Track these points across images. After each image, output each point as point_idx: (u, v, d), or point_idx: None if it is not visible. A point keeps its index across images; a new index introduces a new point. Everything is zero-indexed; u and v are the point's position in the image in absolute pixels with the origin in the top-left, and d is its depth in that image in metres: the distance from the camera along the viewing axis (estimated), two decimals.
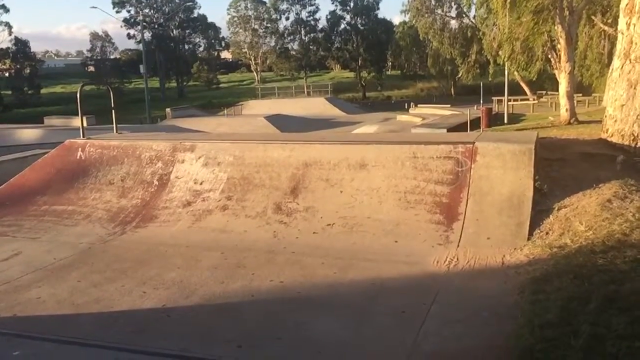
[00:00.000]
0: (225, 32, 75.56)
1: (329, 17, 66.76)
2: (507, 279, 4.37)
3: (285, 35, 69.06)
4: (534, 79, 28.14)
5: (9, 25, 61.80)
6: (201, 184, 6.87)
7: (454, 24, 53.54)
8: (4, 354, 3.43)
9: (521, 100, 36.90)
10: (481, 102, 31.31)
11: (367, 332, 3.70)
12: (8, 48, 62.32)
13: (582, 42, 22.98)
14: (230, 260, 5.22)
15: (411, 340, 3.51)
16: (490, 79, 38.51)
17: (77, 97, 9.86)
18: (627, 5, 8.19)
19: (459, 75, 55.14)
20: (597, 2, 20.76)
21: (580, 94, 31.76)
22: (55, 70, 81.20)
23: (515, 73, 34.60)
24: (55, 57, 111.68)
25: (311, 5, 67.75)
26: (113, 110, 10.43)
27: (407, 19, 58.31)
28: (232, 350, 3.51)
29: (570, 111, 19.26)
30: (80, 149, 7.91)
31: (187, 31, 71.46)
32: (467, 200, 5.73)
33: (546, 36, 19.15)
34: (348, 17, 66.41)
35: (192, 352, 3.51)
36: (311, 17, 68.15)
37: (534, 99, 37.06)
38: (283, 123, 31.82)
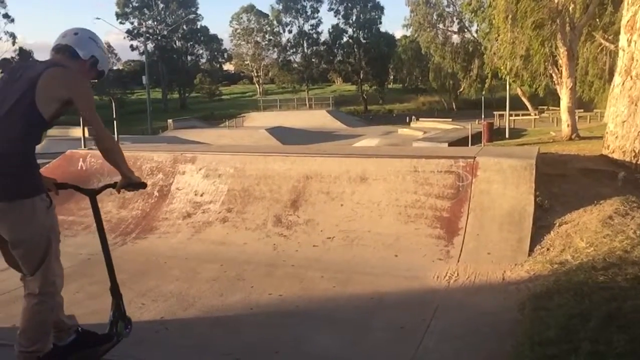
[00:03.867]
0: (227, 44, 75.99)
1: (331, 30, 67.12)
2: (507, 295, 4.35)
3: (288, 48, 69.39)
4: (541, 94, 28.25)
5: (13, 36, 62.32)
6: (201, 195, 6.87)
7: (455, 38, 53.93)
8: None
9: (522, 115, 37.06)
10: (482, 116, 31.42)
11: (365, 347, 3.67)
12: (12, 58, 62.63)
13: (583, 58, 23.05)
14: (229, 272, 5.20)
15: (410, 356, 3.48)
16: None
17: None
18: (628, 22, 8.24)
19: (461, 90, 55.36)
20: (599, 17, 20.85)
21: (582, 110, 31.85)
22: None
23: (518, 88, 34.75)
24: None
25: (314, 18, 68.17)
26: (115, 121, 10.47)
27: (409, 33, 58.70)
28: None
29: (571, 127, 19.30)
30: (81, 159, 7.92)
31: (190, 43, 71.83)
32: (468, 215, 5.72)
33: (548, 52, 19.22)
34: (350, 31, 66.82)
35: None
36: (314, 30, 68.55)
37: (535, 114, 37.18)
38: (284, 135, 31.91)
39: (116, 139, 10.13)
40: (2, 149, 2.66)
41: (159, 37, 68.69)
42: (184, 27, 69.39)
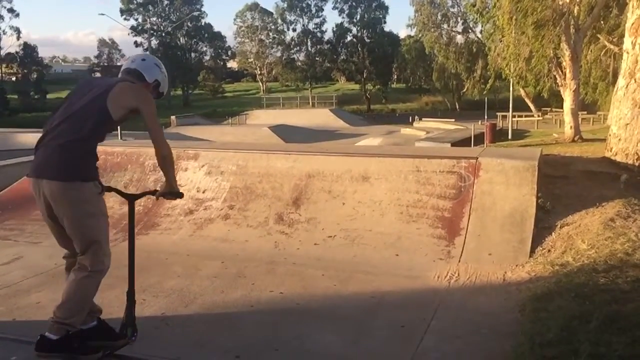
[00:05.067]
0: (231, 42, 76.01)
1: (335, 29, 67.04)
2: (508, 295, 4.35)
3: (292, 46, 69.35)
4: (545, 96, 28.19)
5: (17, 30, 62.59)
6: (204, 192, 6.88)
7: (459, 39, 53.82)
8: (1, 357, 3.43)
9: (526, 116, 36.98)
10: (485, 117, 31.35)
11: (365, 345, 3.68)
12: (16, 52, 62.85)
13: (586, 60, 22.96)
14: (230, 269, 5.21)
15: (410, 356, 3.49)
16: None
17: None
18: (632, 25, 8.23)
19: (464, 90, 55.28)
20: (603, 19, 20.80)
21: (585, 112, 31.77)
22: (62, 75, 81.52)
23: (521, 89, 34.68)
24: (63, 63, 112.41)
25: (318, 17, 68.11)
26: None
27: (413, 33, 58.66)
28: None
29: (574, 129, 19.25)
30: None
31: (194, 40, 71.82)
32: (470, 216, 5.72)
33: (552, 53, 19.15)
34: (354, 30, 66.70)
35: None
36: (318, 29, 68.48)
37: (538, 116, 37.12)
38: (287, 133, 31.85)
39: (119, 136, 10.16)
40: (71, 138, 3.07)
41: (163, 34, 68.67)
42: (188, 24, 69.32)
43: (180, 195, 3.53)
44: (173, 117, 43.70)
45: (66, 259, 3.44)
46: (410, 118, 42.63)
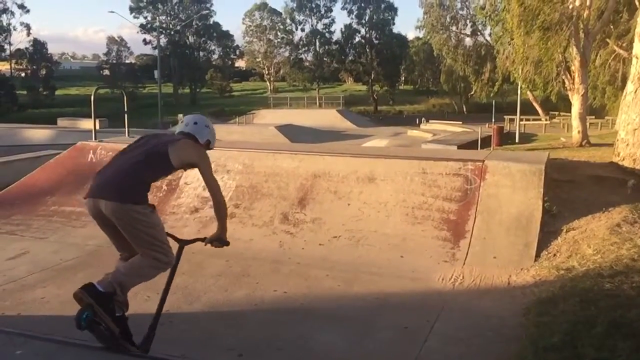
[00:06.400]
0: (239, 41, 76.01)
1: (343, 30, 66.97)
2: (512, 299, 4.34)
3: (300, 46, 69.31)
4: (554, 100, 28.04)
5: (27, 26, 62.81)
6: None
7: (468, 41, 53.52)
8: (6, 352, 3.45)
9: (533, 120, 36.82)
10: (493, 120, 31.23)
11: (369, 346, 3.68)
12: (26, 48, 63.11)
13: (595, 65, 22.81)
14: (235, 268, 5.22)
15: (413, 357, 3.49)
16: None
17: (91, 99, 9.95)
18: None
19: (472, 93, 55.09)
20: (613, 24, 20.68)
21: (593, 117, 31.58)
22: (70, 72, 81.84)
23: (529, 93, 34.56)
24: (72, 60, 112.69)
25: (327, 17, 68.02)
26: (126, 114, 10.51)
27: (421, 35, 58.44)
28: (233, 359, 3.50)
29: (582, 133, 19.14)
30: (92, 151, 7.97)
31: (202, 39, 71.89)
32: (475, 218, 5.71)
33: (561, 57, 19.06)
34: (363, 31, 66.56)
35: (193, 359, 3.51)
36: (326, 30, 68.36)
37: (546, 120, 36.96)
38: (294, 133, 31.78)
39: (126, 132, 10.20)
40: (131, 169, 3.58)
41: (172, 32, 68.76)
42: (197, 22, 69.35)
43: (227, 244, 3.81)
44: (180, 115, 43.63)
45: (121, 254, 3.72)
46: (417, 120, 42.48)
